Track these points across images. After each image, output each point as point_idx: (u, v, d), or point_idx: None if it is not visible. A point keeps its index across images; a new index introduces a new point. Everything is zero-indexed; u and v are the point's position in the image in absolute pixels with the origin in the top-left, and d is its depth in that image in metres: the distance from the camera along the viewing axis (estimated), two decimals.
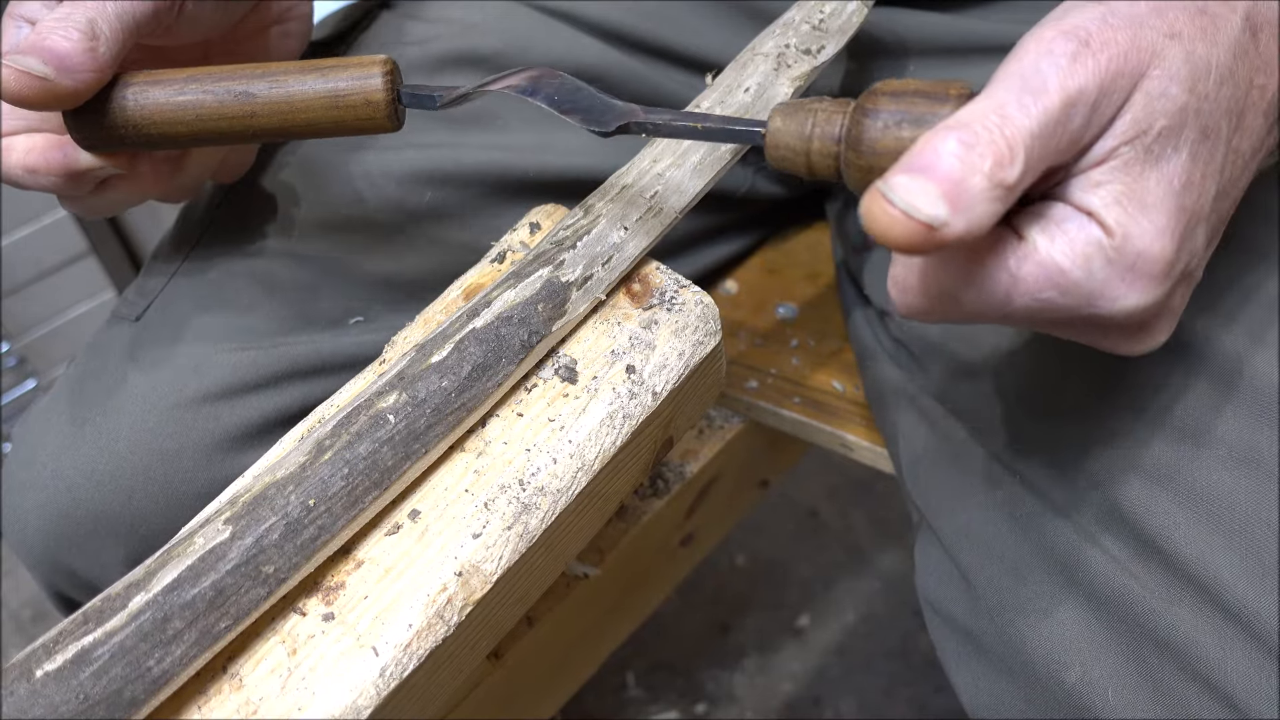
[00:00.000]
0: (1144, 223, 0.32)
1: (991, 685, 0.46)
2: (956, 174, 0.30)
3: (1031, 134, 0.31)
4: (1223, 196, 0.35)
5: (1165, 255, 0.32)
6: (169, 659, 0.36)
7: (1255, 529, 0.41)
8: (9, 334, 1.24)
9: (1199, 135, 0.33)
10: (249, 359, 0.53)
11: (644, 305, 0.46)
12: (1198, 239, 0.34)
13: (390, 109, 0.43)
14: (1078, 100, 0.32)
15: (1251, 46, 0.34)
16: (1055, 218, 0.33)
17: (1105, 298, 0.33)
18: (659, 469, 0.69)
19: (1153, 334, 0.36)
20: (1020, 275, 0.32)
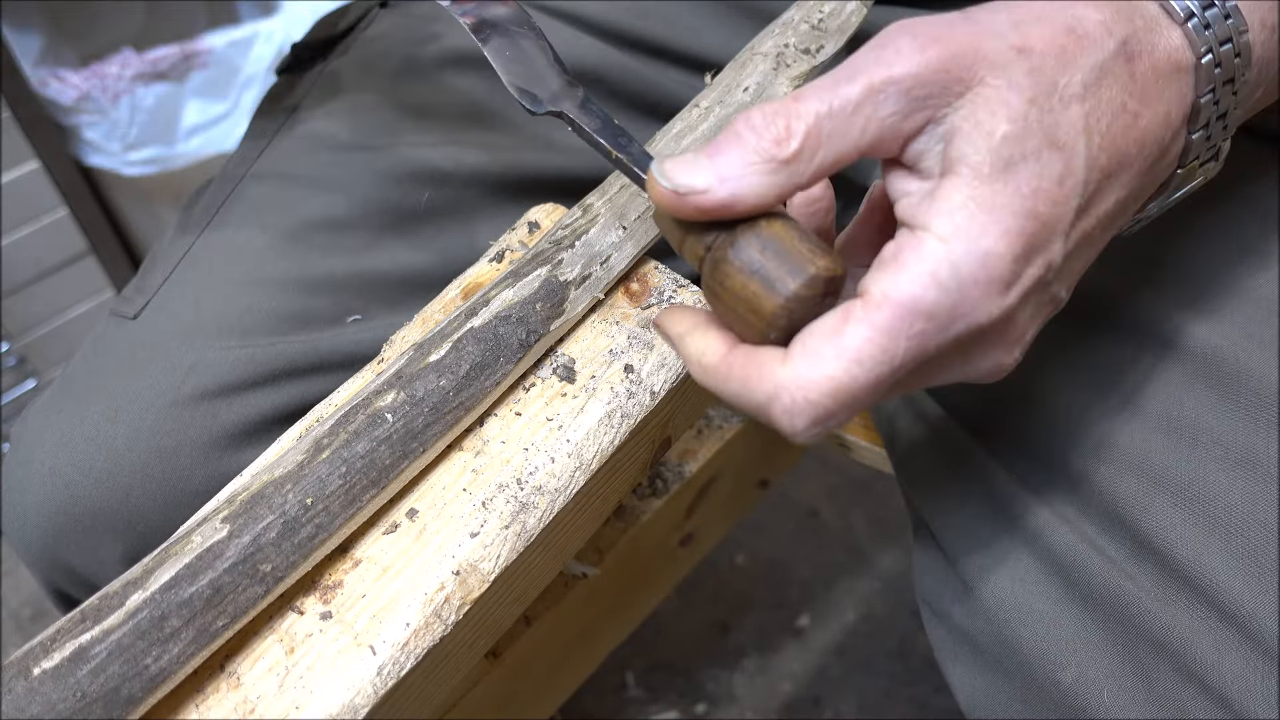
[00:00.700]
0: (987, 223, 0.32)
1: (988, 685, 0.46)
2: (727, 151, 0.34)
3: (819, 114, 0.33)
4: (1086, 213, 0.34)
5: (1011, 252, 0.32)
6: (166, 657, 0.36)
7: (1252, 530, 0.41)
8: (9, 334, 1.24)
9: (1047, 145, 0.33)
10: (247, 357, 0.53)
11: (642, 304, 0.46)
12: (1054, 249, 0.34)
13: None
14: (885, 87, 0.33)
15: (1124, 71, 0.34)
16: (892, 257, 0.33)
17: (968, 306, 0.32)
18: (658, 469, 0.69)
19: (1006, 354, 0.36)
20: (886, 326, 0.32)
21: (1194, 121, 0.36)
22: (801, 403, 0.33)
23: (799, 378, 0.33)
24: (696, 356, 0.36)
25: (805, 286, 0.33)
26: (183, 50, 1.19)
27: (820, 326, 0.33)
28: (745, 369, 0.34)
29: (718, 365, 0.35)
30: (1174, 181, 0.38)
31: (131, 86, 1.17)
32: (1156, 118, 0.35)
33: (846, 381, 0.32)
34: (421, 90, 0.61)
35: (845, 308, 0.33)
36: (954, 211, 0.32)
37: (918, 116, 0.33)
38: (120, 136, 1.19)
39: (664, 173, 0.34)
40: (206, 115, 1.23)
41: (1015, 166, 0.32)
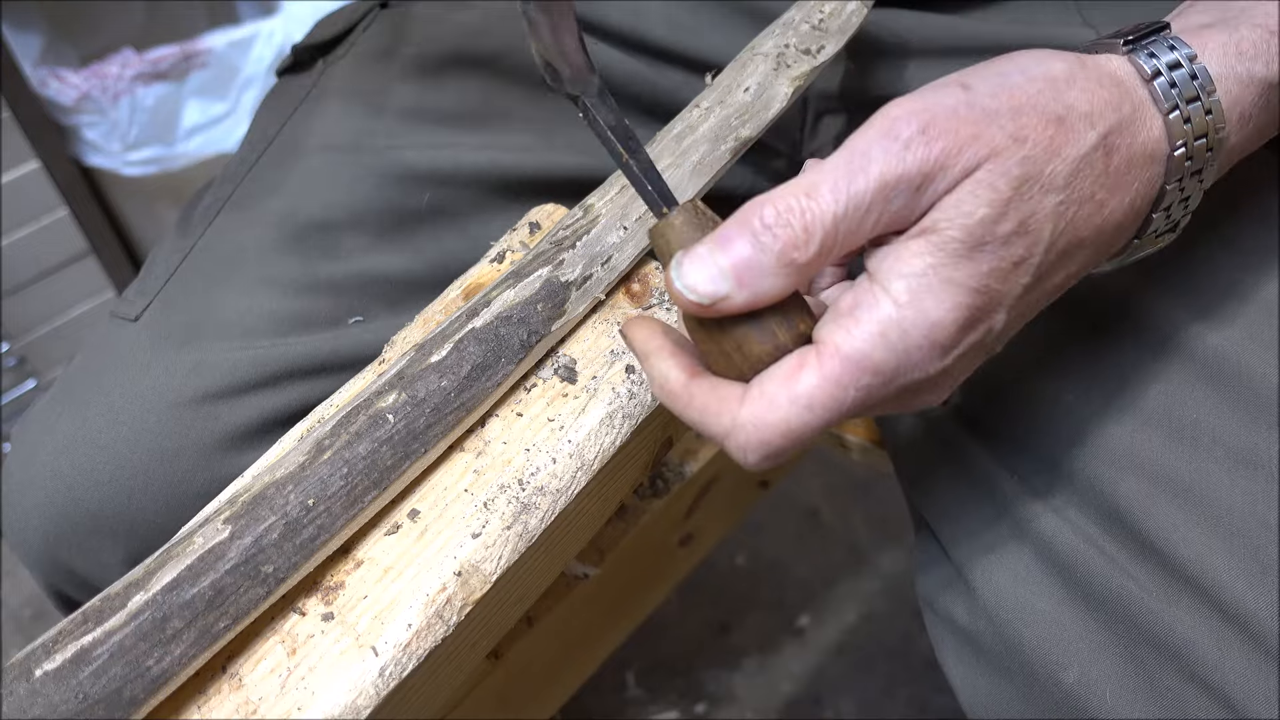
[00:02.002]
0: (942, 297, 0.34)
1: (989, 685, 0.46)
2: (746, 255, 0.35)
3: (835, 217, 0.34)
4: (1034, 288, 0.36)
5: (957, 323, 0.34)
6: (168, 658, 0.36)
7: (1253, 530, 0.41)
8: (9, 334, 1.24)
9: (1016, 231, 0.34)
10: (248, 358, 0.53)
11: (644, 305, 0.46)
12: (996, 319, 0.36)
13: None
14: (897, 185, 0.34)
15: (1101, 164, 0.36)
16: (849, 311, 0.35)
17: (910, 366, 0.35)
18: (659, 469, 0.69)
19: (937, 397, 0.38)
20: (836, 377, 0.34)
21: (1157, 204, 0.38)
22: (755, 441, 0.35)
23: (755, 419, 0.35)
24: (660, 379, 0.38)
25: (793, 340, 0.36)
26: (183, 50, 1.19)
27: (777, 371, 0.35)
28: (705, 400, 0.37)
29: (679, 392, 0.37)
30: (1128, 250, 0.40)
31: (131, 86, 1.17)
32: (1121, 206, 0.37)
33: (797, 425, 0.35)
34: (422, 91, 0.61)
35: (800, 354, 0.35)
36: (912, 277, 0.34)
37: (921, 202, 0.35)
38: (120, 136, 1.19)
39: (684, 281, 0.35)
40: (206, 115, 1.23)
41: (982, 248, 0.34)
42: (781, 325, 0.36)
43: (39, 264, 1.23)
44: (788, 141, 0.68)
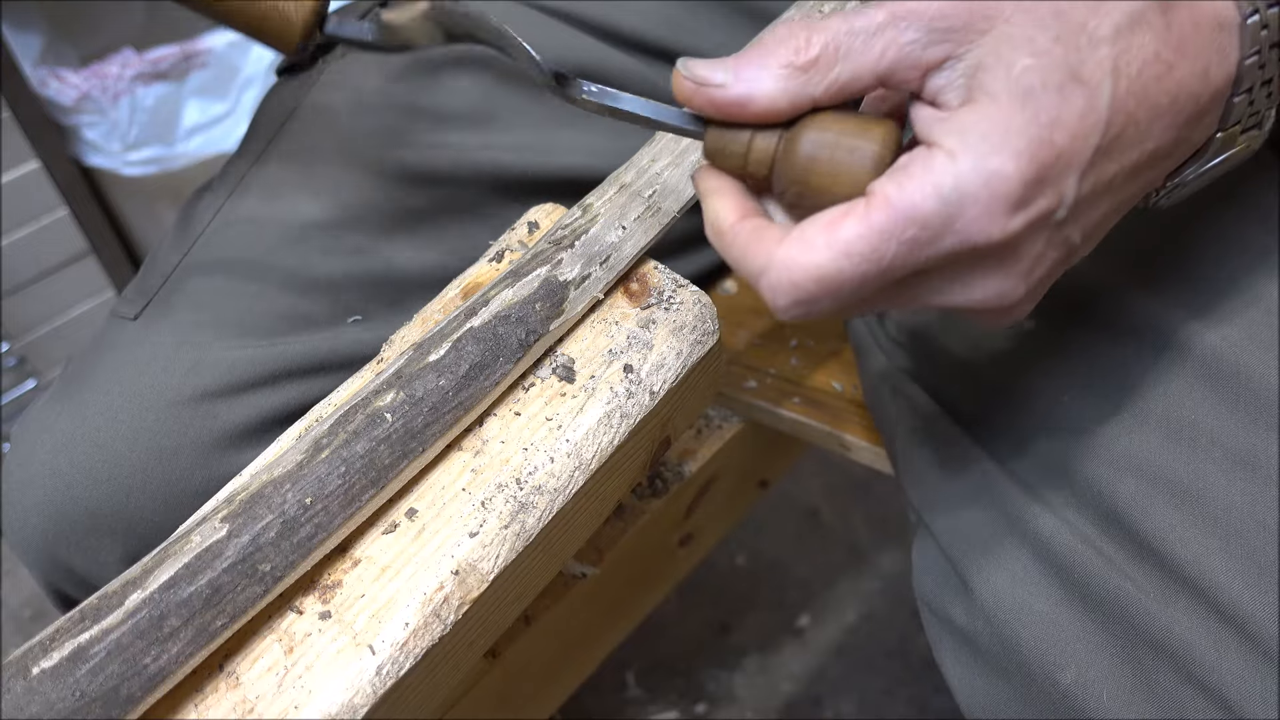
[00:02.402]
0: (998, 144, 0.32)
1: (987, 686, 0.46)
2: (746, 54, 0.36)
3: (839, 31, 0.35)
4: (1109, 156, 0.34)
5: (1020, 175, 0.32)
6: (165, 657, 0.36)
7: (1251, 532, 0.41)
8: (9, 334, 1.24)
9: (1070, 79, 0.33)
10: (247, 357, 0.53)
11: (642, 304, 0.46)
12: (1067, 184, 0.33)
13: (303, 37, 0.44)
14: (908, 15, 0.34)
15: (1158, 20, 0.34)
16: (903, 167, 0.34)
17: (966, 221, 0.33)
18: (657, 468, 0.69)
19: (1010, 284, 0.35)
20: (880, 226, 0.33)
21: (1237, 85, 0.36)
22: (786, 283, 0.34)
23: (788, 259, 0.34)
24: (712, 218, 0.38)
25: (884, 146, 0.35)
26: (183, 50, 1.19)
27: (821, 217, 0.34)
28: (747, 239, 0.36)
29: (725, 231, 0.37)
30: (1212, 146, 0.38)
31: (131, 86, 1.17)
32: (1193, 72, 0.34)
33: (832, 271, 0.33)
34: (421, 90, 0.61)
35: (848, 205, 0.34)
36: (966, 131, 0.33)
37: (938, 49, 0.34)
38: (120, 136, 1.19)
39: (687, 66, 0.37)
40: (206, 115, 1.23)
41: (1034, 95, 0.33)
42: (870, 140, 0.35)
43: (39, 264, 1.23)
44: None
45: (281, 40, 0.44)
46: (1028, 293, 0.36)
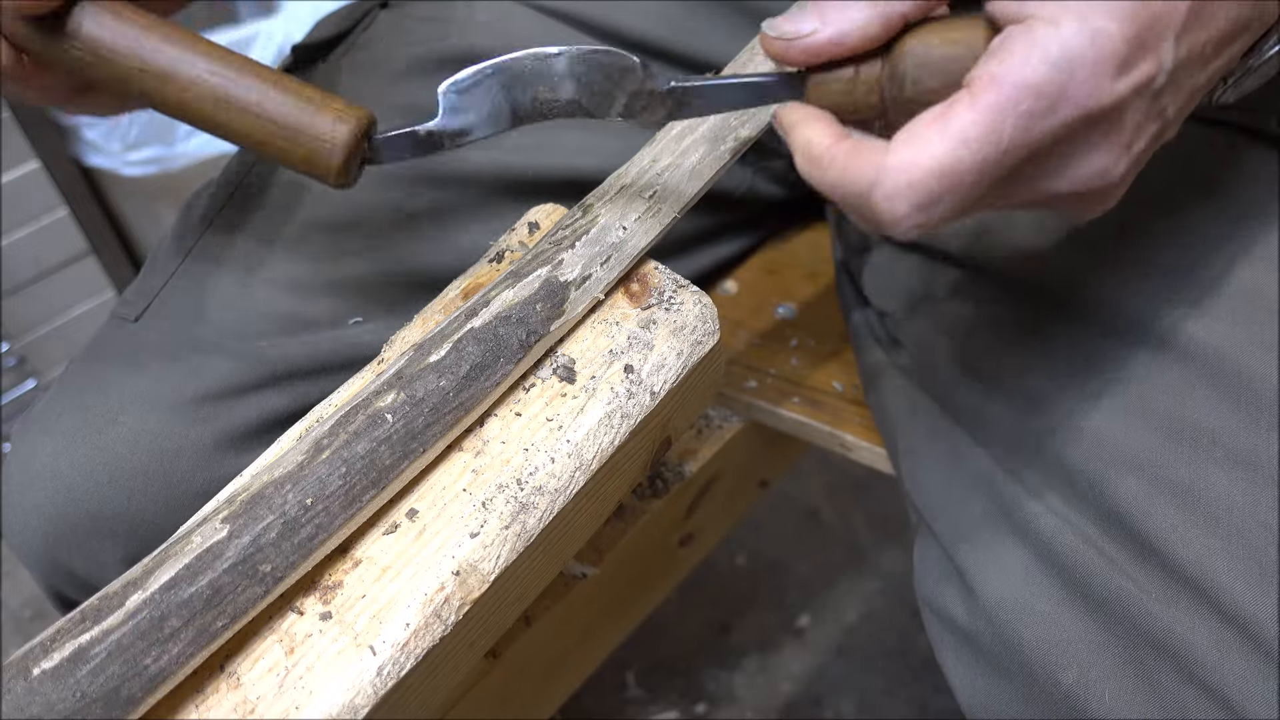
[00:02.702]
0: (1097, 5, 0.32)
1: (988, 685, 0.46)
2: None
3: None
4: (1199, 20, 0.34)
5: (1123, 34, 0.32)
6: (166, 657, 0.36)
7: (1253, 531, 0.41)
8: (9, 334, 1.24)
9: None
10: (248, 359, 0.53)
11: (642, 305, 0.46)
12: (1164, 49, 0.33)
13: (344, 170, 0.42)
14: None
15: None
16: (1000, 47, 0.33)
17: (1077, 86, 0.32)
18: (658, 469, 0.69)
19: (1113, 159, 0.35)
20: (993, 104, 0.32)
21: None
22: (904, 186, 0.33)
23: (901, 161, 0.33)
24: (803, 146, 0.37)
25: (992, 35, 0.34)
26: None
27: (925, 116, 0.33)
28: (848, 157, 0.35)
29: (821, 154, 0.36)
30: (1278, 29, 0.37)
31: None
32: None
33: (951, 162, 0.32)
34: (422, 91, 0.61)
35: (950, 100, 0.33)
36: (1061, 4, 0.32)
37: None
38: (120, 136, 1.19)
39: (773, 26, 0.36)
40: None
41: None
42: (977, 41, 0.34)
43: (39, 264, 1.23)
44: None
45: (328, 177, 0.42)
46: (1126, 170, 0.36)
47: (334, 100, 0.41)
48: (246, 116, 0.41)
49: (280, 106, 0.41)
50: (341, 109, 0.41)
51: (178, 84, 0.41)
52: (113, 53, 0.41)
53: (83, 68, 0.42)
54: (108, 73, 0.42)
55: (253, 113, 0.41)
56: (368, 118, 0.42)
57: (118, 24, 0.41)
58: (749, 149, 0.50)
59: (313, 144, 0.41)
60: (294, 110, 0.41)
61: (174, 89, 0.41)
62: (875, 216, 0.35)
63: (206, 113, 0.42)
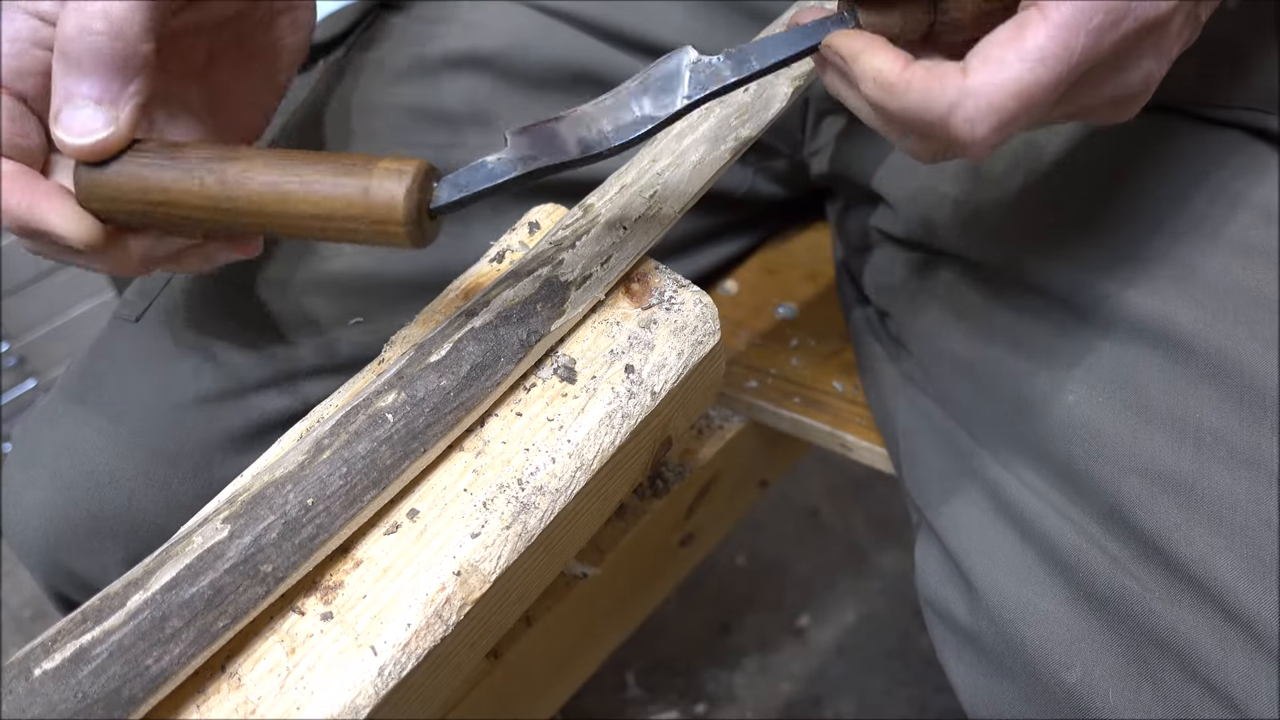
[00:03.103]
0: None
1: (991, 685, 0.46)
2: None
3: None
4: None
5: None
6: (167, 658, 0.36)
7: (1256, 530, 0.41)
8: (9, 334, 1.24)
9: None
10: (248, 360, 0.53)
11: (643, 305, 0.46)
12: None
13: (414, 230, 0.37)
14: None
15: None
16: None
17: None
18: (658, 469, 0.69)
19: (1157, 64, 0.37)
20: (1066, 21, 0.33)
21: None
22: (985, 108, 0.34)
23: (983, 84, 0.34)
24: (873, 74, 0.37)
25: None
26: None
27: (996, 37, 0.34)
28: (926, 81, 0.35)
29: (896, 80, 0.36)
30: None
31: None
32: None
33: (1030, 81, 0.33)
34: (422, 90, 0.61)
35: (1018, 19, 0.34)
36: None
37: None
38: None
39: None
40: None
41: None
42: None
43: (39, 264, 1.22)
44: (788, 142, 0.68)
45: (395, 241, 0.38)
46: (1162, 73, 0.37)
47: (381, 160, 0.38)
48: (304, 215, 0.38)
49: (326, 185, 0.37)
50: (392, 163, 0.37)
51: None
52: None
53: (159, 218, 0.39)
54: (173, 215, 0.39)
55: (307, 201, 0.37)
56: (425, 165, 0.38)
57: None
58: (749, 149, 0.50)
59: (373, 207, 0.37)
60: (343, 180, 0.37)
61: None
62: (952, 138, 0.35)
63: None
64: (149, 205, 0.39)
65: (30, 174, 0.39)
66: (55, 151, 0.42)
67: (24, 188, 0.38)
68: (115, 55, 0.37)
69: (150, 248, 0.42)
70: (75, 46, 0.37)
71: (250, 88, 0.48)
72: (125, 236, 0.41)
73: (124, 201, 0.39)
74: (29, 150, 0.40)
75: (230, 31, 0.47)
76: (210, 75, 0.47)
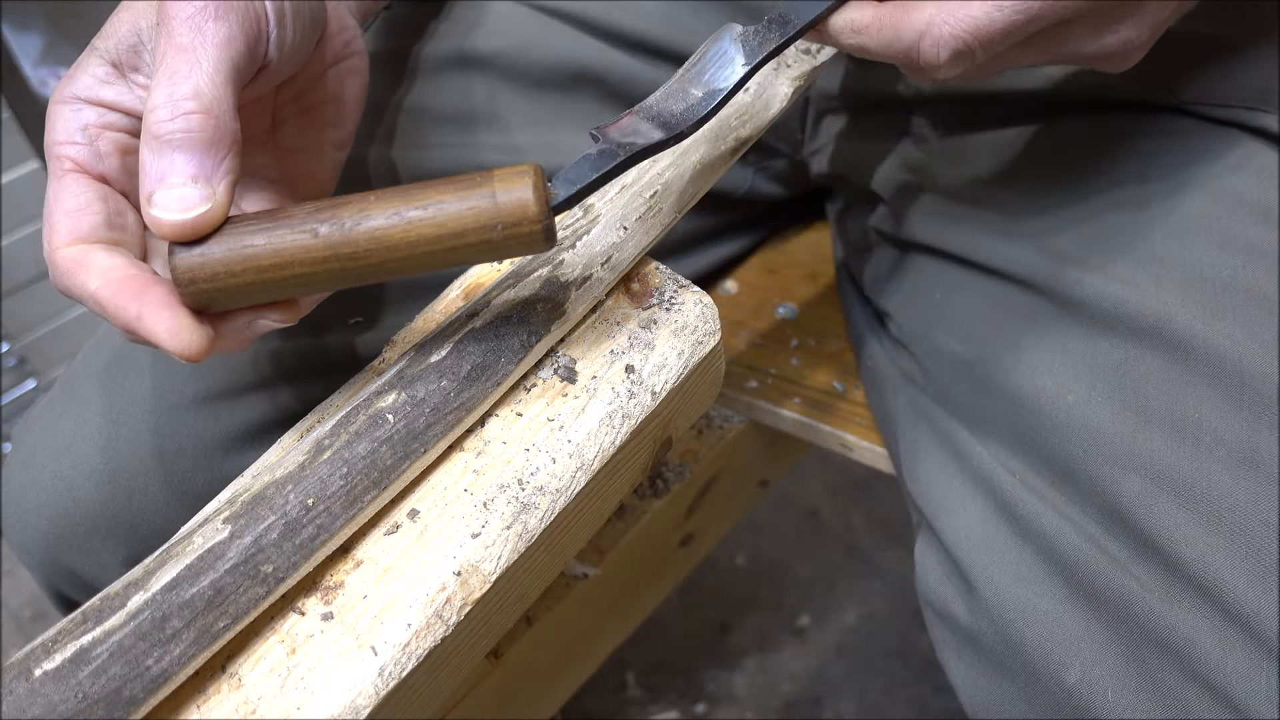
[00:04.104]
0: None
1: (991, 685, 0.46)
2: None
3: None
4: None
5: None
6: (168, 658, 0.36)
7: (1255, 529, 0.41)
8: (9, 334, 1.24)
9: None
10: (248, 359, 0.53)
11: (643, 305, 0.46)
12: None
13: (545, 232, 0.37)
14: None
15: None
16: None
17: None
18: (658, 469, 0.69)
19: (1136, 30, 0.40)
20: None
21: None
22: (947, 35, 0.38)
23: (944, 12, 0.38)
24: (846, 25, 0.41)
25: None
26: None
27: None
28: (896, 17, 0.40)
29: (870, 23, 0.41)
30: None
31: None
32: None
33: (985, 22, 0.38)
34: (422, 90, 0.61)
35: None
36: None
37: None
38: None
39: None
40: None
41: None
42: None
43: (39, 264, 1.22)
44: (788, 141, 0.68)
45: (530, 243, 0.38)
46: (1148, 39, 0.40)
47: (495, 170, 0.38)
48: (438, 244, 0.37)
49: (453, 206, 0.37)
50: (508, 170, 0.37)
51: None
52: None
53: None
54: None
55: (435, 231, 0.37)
56: (537, 167, 0.38)
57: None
58: (749, 149, 0.50)
59: (504, 212, 0.37)
60: (466, 194, 0.37)
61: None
62: (920, 61, 0.40)
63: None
64: (259, 272, 0.37)
65: (143, 279, 0.37)
66: (147, 232, 0.41)
67: (134, 295, 0.37)
68: (209, 134, 0.36)
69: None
70: (169, 128, 0.36)
71: (316, 144, 0.47)
72: (219, 341, 0.39)
73: (230, 276, 0.37)
74: (128, 235, 0.39)
75: (289, 92, 0.46)
76: (276, 139, 0.46)
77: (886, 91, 0.61)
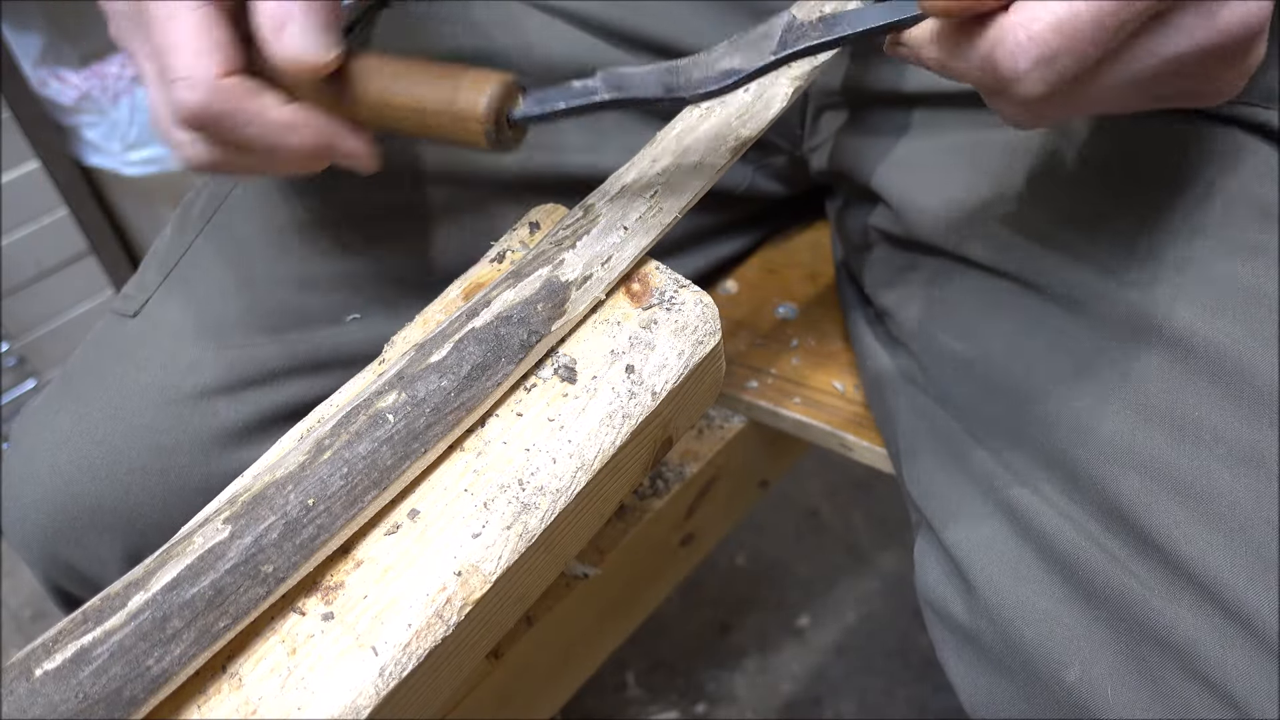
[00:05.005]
0: None
1: (991, 684, 0.46)
2: None
3: None
4: None
5: None
6: (168, 658, 0.36)
7: (1256, 527, 0.41)
8: (9, 334, 1.24)
9: None
10: (246, 355, 0.53)
11: (643, 305, 0.46)
12: None
13: (493, 131, 0.42)
14: None
15: None
16: None
17: None
18: (659, 469, 0.69)
19: (1262, 15, 0.34)
20: None
21: None
22: (1024, 41, 0.33)
23: (1021, 17, 0.33)
24: (927, 38, 0.37)
25: None
26: None
27: None
28: (969, 27, 0.34)
29: (949, 34, 0.35)
30: None
31: (131, 86, 1.17)
32: None
33: (1068, 16, 0.32)
34: None
35: None
36: None
37: None
38: (120, 136, 1.19)
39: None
40: None
41: None
42: None
43: (39, 264, 1.23)
44: (788, 138, 0.68)
45: (472, 141, 0.43)
46: (1266, 18, 0.35)
47: (470, 69, 0.42)
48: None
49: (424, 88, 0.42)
50: (479, 74, 0.42)
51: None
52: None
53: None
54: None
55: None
56: (509, 77, 0.42)
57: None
58: (750, 147, 0.50)
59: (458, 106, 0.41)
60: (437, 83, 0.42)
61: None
62: (998, 74, 0.34)
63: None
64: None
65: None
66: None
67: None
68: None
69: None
70: None
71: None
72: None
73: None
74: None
75: None
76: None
77: (886, 87, 0.61)
